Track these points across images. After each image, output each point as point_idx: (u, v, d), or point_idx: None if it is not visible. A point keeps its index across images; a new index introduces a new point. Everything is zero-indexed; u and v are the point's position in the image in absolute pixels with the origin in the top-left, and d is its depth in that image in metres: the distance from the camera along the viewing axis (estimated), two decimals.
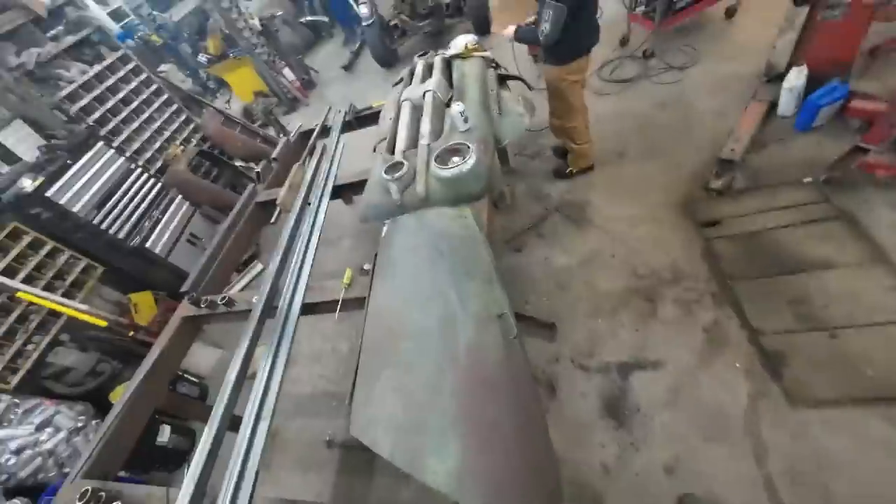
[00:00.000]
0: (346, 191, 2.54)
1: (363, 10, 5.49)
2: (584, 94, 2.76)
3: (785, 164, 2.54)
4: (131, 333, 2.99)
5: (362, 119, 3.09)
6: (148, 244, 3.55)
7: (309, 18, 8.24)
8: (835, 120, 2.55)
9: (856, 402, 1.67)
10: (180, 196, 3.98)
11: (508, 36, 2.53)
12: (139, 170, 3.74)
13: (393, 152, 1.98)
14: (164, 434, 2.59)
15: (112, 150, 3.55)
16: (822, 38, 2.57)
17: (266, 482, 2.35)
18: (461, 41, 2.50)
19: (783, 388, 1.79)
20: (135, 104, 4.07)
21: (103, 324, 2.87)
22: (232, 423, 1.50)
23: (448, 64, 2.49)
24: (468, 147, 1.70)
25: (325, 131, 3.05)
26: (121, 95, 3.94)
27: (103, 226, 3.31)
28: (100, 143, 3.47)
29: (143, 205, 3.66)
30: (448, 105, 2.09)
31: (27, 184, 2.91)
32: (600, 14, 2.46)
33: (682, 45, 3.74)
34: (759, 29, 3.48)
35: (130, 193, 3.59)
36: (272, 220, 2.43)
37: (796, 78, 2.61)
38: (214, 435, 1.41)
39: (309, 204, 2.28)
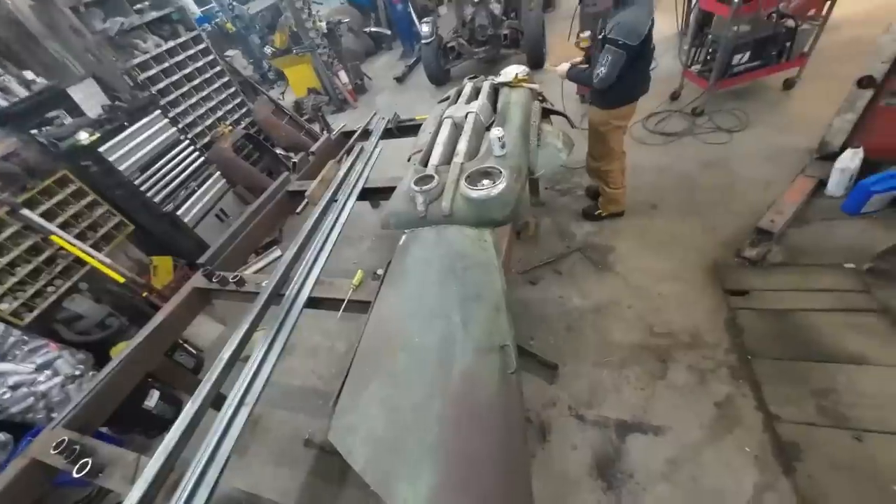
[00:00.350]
0: (374, 194, 2.57)
1: (424, 29, 5.73)
2: (626, 141, 2.74)
3: (826, 245, 2.42)
4: (144, 294, 3.08)
5: (404, 129, 3.16)
6: (179, 212, 3.69)
7: (373, 29, 8.66)
8: (887, 209, 2.42)
9: None
10: (218, 172, 4.15)
11: (561, 73, 2.56)
12: (187, 141, 3.92)
13: (426, 165, 2.00)
14: (153, 398, 2.61)
15: (166, 120, 3.75)
16: (883, 123, 2.48)
17: (237, 468, 2.32)
18: (512, 70, 2.55)
19: (794, 485, 1.64)
20: (197, 81, 4.32)
21: (121, 280, 2.97)
22: (217, 401, 1.49)
23: (496, 90, 2.53)
24: (500, 172, 1.70)
25: (365, 134, 3.13)
26: (186, 71, 4.20)
27: (143, 188, 3.47)
28: (157, 112, 3.68)
29: (183, 175, 3.83)
30: (488, 129, 2.12)
31: (83, 136, 3.09)
32: (655, 66, 2.47)
33: (734, 108, 3.69)
34: (816, 104, 3.40)
35: (174, 162, 3.76)
36: (298, 209, 2.48)
37: (850, 160, 2.51)
38: (196, 410, 1.40)
39: (336, 201, 2.32)
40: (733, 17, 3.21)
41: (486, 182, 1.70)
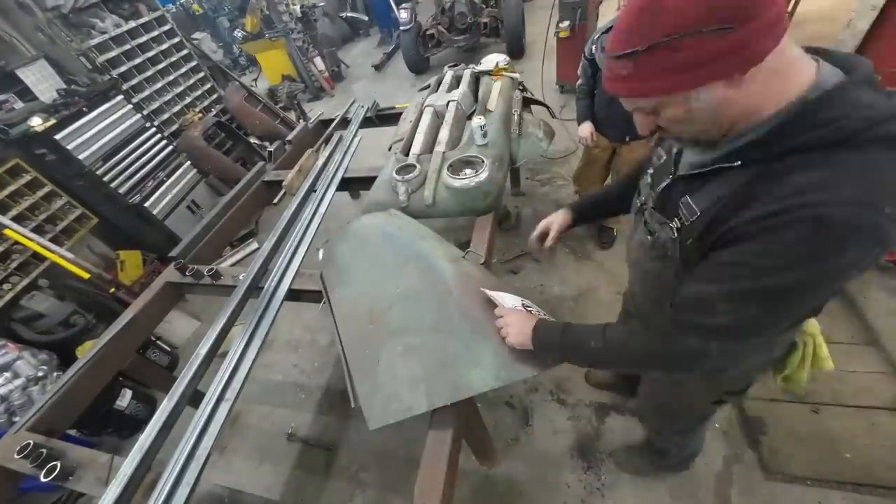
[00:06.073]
0: (354, 184, 2.52)
1: (402, 15, 5.60)
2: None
3: None
4: (112, 290, 2.93)
5: (383, 118, 3.10)
6: (147, 204, 3.52)
7: (349, 14, 8.41)
8: None
9: (828, 484, 1.63)
10: (189, 162, 3.97)
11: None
12: (153, 129, 3.72)
13: (407, 154, 1.98)
14: (125, 398, 2.51)
15: (130, 106, 3.54)
16: None
17: (218, 466, 2.27)
18: (493, 59, 2.54)
19: (759, 457, 1.74)
20: (162, 65, 4.08)
21: (86, 275, 2.81)
22: (194, 398, 1.45)
23: (476, 79, 2.52)
24: (482, 161, 1.70)
25: (344, 123, 3.05)
26: (150, 54, 3.96)
27: (106, 178, 3.28)
28: (119, 97, 3.46)
29: (151, 164, 3.64)
30: (470, 118, 2.11)
31: (36, 122, 2.88)
32: None
33: None
34: None
35: (140, 151, 3.57)
36: (275, 200, 2.41)
37: None
38: (173, 407, 1.36)
39: (314, 191, 2.26)
40: None
41: (468, 171, 1.70)
